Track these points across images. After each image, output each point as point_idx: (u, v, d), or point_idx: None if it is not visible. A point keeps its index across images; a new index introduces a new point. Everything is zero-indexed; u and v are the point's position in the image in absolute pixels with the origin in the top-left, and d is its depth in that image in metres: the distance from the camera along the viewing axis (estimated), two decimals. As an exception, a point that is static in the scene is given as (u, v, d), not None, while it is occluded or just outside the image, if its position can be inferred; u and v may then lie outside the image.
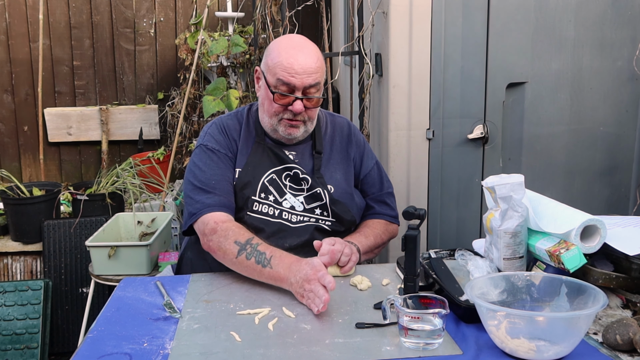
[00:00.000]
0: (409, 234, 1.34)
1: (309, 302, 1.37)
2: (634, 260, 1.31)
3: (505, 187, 1.39)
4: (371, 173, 1.86)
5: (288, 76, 1.61)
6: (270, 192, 1.70)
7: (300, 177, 1.73)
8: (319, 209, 1.72)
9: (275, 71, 1.62)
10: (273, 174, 1.72)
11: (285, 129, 1.68)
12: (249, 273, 1.53)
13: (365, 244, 1.72)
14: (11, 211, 3.23)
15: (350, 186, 1.80)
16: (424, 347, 1.17)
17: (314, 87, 1.63)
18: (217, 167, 1.70)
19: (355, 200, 1.80)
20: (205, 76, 4.06)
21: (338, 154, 1.82)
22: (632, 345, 1.13)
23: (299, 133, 1.70)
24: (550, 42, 2.34)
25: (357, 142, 1.86)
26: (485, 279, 1.26)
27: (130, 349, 1.20)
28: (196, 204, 1.65)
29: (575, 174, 2.47)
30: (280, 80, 1.62)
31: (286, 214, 1.70)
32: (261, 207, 1.69)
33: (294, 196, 1.71)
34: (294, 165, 1.73)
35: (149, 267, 2.56)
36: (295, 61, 1.61)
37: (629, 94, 2.41)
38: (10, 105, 4.27)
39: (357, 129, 1.92)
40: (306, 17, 3.74)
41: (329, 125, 1.85)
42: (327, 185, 1.74)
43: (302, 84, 1.61)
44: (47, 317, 2.97)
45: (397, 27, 2.28)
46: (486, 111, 2.37)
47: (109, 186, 3.20)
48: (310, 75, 1.62)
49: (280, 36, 1.73)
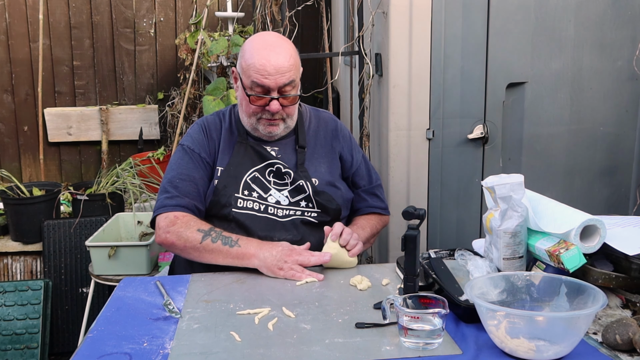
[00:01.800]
0: (409, 234, 1.34)
1: (292, 274, 1.49)
2: (633, 260, 1.31)
3: (505, 187, 1.39)
4: (360, 166, 1.91)
5: (262, 78, 1.63)
6: (254, 190, 1.73)
7: (282, 171, 1.75)
8: (304, 201, 1.74)
9: (249, 73, 1.65)
10: (255, 172, 1.74)
11: (264, 127, 1.72)
12: (213, 256, 1.58)
13: (363, 235, 1.77)
14: (11, 211, 3.23)
15: (335, 178, 1.82)
16: (424, 347, 1.17)
17: (288, 86, 1.66)
18: (186, 167, 1.73)
19: (340, 191, 1.82)
20: (205, 76, 4.06)
21: (322, 147, 1.84)
22: (631, 345, 1.13)
23: (279, 130, 1.74)
24: (550, 42, 2.34)
25: (343, 137, 1.90)
26: (485, 279, 1.26)
27: (130, 348, 1.20)
28: (157, 202, 1.71)
29: (575, 174, 2.47)
30: (254, 83, 1.64)
31: (272, 208, 1.72)
32: (246, 203, 1.71)
33: (279, 191, 1.73)
34: (276, 161, 1.75)
35: (149, 267, 2.56)
36: (267, 62, 1.62)
37: (629, 93, 2.41)
38: (11, 105, 4.27)
39: (342, 124, 1.95)
40: (306, 17, 3.74)
41: (312, 120, 1.88)
42: (311, 179, 1.76)
43: (277, 84, 1.64)
44: (47, 317, 2.97)
45: (397, 27, 2.28)
46: (486, 111, 2.37)
47: (109, 186, 3.20)
48: (284, 74, 1.64)
49: (253, 35, 1.76)
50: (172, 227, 1.63)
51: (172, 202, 1.68)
